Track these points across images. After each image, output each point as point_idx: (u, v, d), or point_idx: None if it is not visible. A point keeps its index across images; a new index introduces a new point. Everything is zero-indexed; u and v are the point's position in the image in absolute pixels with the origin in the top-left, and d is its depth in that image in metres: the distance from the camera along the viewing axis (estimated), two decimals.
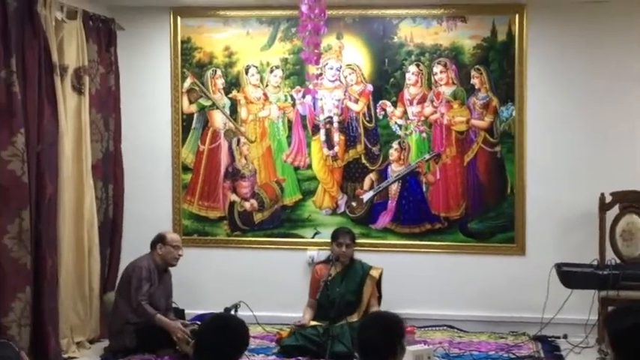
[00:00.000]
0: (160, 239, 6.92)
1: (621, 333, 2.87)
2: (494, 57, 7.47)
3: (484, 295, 7.48)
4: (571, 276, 6.69)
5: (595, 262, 6.77)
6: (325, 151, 7.69)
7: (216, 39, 7.78)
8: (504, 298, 7.45)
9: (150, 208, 7.83)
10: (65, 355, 6.63)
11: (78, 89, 6.92)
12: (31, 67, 6.23)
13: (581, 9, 7.30)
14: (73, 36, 6.86)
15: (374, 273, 6.94)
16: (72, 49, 6.85)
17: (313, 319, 6.82)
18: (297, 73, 7.66)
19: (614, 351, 2.90)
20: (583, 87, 7.38)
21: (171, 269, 7.02)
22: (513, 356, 6.56)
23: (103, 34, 7.37)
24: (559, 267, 6.76)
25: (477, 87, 7.49)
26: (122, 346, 6.65)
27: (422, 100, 7.56)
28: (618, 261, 6.92)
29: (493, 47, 7.47)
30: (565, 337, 7.03)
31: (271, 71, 7.72)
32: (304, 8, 5.47)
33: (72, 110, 6.86)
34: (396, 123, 7.60)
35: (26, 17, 6.20)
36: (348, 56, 7.64)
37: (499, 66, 7.47)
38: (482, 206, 7.54)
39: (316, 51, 5.62)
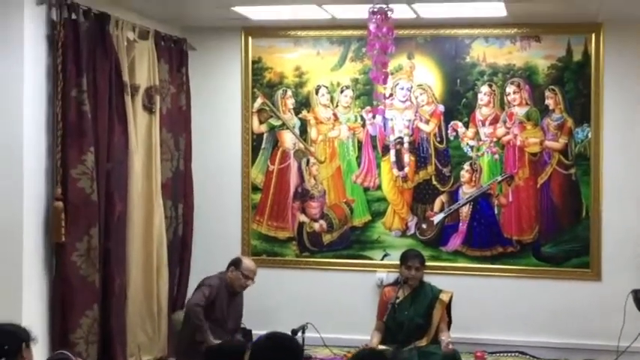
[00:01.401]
0: (235, 263, 6.86)
1: None
2: (569, 77, 7.31)
3: (557, 321, 7.29)
4: None
5: None
6: (395, 171, 7.61)
7: (287, 59, 7.78)
8: (578, 324, 7.25)
9: (219, 227, 7.85)
10: None
11: (149, 108, 6.98)
12: (102, 87, 6.30)
13: None
14: (144, 56, 6.93)
15: (444, 297, 6.77)
16: (143, 68, 6.92)
17: (381, 343, 6.69)
18: (367, 94, 7.59)
19: None
20: None
21: None
22: None
23: (174, 54, 7.45)
24: (636, 293, 6.56)
25: (551, 107, 7.34)
26: None
27: (494, 121, 7.43)
28: None
29: (568, 67, 7.31)
30: None
31: (342, 91, 7.68)
32: (372, 27, 5.43)
33: (142, 129, 6.92)
34: (467, 144, 7.48)
35: (98, 37, 6.29)
36: (419, 76, 7.56)
37: (574, 86, 7.30)
38: (556, 230, 7.36)
39: (384, 70, 5.56)
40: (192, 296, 6.70)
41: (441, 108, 7.52)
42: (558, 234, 7.37)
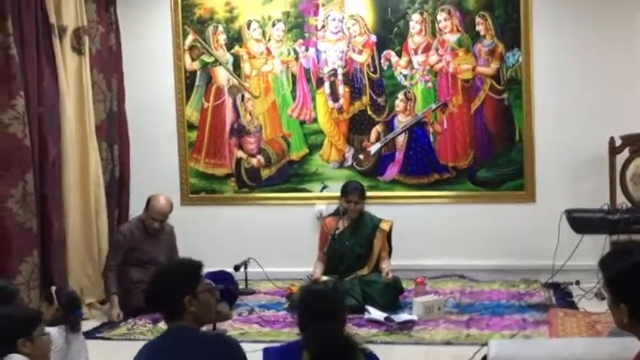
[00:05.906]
0: (147, 203, 6.78)
1: (618, 274, 2.81)
2: (498, 2, 7.33)
3: (495, 243, 7.43)
4: (581, 221, 6.57)
5: (605, 207, 6.67)
6: (330, 103, 7.62)
7: None
8: (515, 246, 7.38)
9: (157, 167, 7.82)
10: None
11: (78, 50, 6.86)
12: (29, 29, 6.19)
13: None
14: None
15: (384, 226, 6.84)
16: (70, 9, 6.79)
17: (324, 273, 6.75)
18: (299, 26, 7.54)
19: (612, 294, 2.84)
20: (590, 30, 7.23)
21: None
22: (525, 304, 6.51)
23: None
24: (569, 213, 6.66)
25: (482, 33, 7.38)
26: (131, 306, 6.63)
27: (426, 49, 7.46)
28: (629, 205, 6.83)
29: None
30: (577, 283, 6.98)
31: (273, 25, 7.61)
32: None
33: (72, 71, 6.81)
34: (401, 73, 7.50)
35: None
36: (351, 7, 7.50)
37: (504, 11, 7.33)
38: (491, 154, 7.46)
39: (314, 2, 5.53)
40: (107, 255, 6.83)
41: (374, 38, 7.51)
42: (493, 158, 7.47)
